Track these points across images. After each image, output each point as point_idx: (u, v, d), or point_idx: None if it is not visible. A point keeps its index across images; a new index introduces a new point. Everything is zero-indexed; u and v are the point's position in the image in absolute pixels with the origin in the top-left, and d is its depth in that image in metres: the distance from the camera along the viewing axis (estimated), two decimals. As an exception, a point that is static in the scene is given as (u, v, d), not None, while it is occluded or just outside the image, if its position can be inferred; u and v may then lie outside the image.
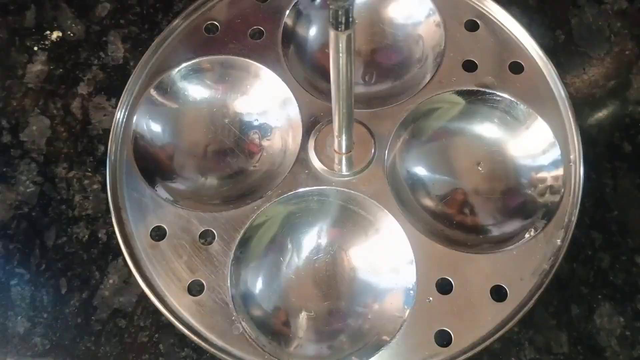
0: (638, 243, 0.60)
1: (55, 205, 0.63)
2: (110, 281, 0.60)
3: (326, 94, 0.60)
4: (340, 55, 0.40)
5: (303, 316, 0.55)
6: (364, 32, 0.66)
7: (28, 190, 0.64)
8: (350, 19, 0.37)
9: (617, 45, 0.69)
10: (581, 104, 0.66)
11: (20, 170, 0.65)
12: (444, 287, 0.53)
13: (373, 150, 0.58)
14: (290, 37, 0.64)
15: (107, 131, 0.65)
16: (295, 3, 0.65)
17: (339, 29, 0.37)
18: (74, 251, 0.61)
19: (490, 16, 0.63)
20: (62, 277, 0.60)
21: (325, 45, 0.66)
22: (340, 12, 0.36)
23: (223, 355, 0.52)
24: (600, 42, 0.69)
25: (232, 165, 0.62)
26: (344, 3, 0.35)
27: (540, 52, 0.61)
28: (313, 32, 0.66)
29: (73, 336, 0.58)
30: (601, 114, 0.66)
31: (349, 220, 0.58)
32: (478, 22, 0.63)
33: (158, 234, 0.56)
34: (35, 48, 0.70)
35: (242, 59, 0.62)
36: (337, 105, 0.48)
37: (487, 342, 0.51)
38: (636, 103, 0.66)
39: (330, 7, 0.36)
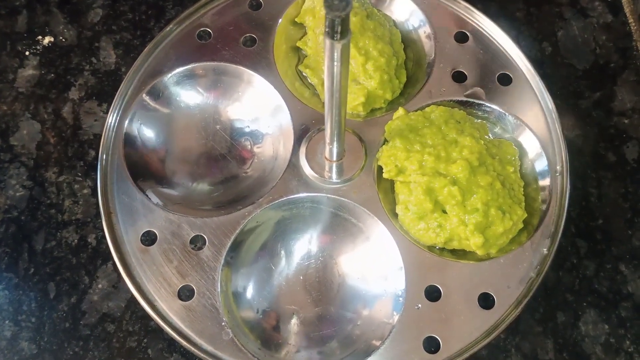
0: (622, 251, 0.61)
1: (45, 210, 0.63)
2: (99, 286, 0.60)
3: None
4: (335, 64, 0.40)
5: (293, 322, 0.55)
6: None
7: (17, 194, 0.64)
8: (346, 29, 0.37)
9: (602, 58, 0.71)
10: (567, 115, 0.67)
11: (10, 174, 0.64)
12: (433, 294, 0.54)
13: (363, 158, 0.58)
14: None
15: (98, 136, 0.65)
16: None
17: (335, 39, 0.38)
18: (63, 255, 0.61)
19: (479, 28, 0.64)
20: (51, 281, 0.60)
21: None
22: (336, 22, 0.36)
23: (212, 361, 0.52)
24: (585, 54, 0.71)
25: (223, 171, 0.62)
26: (340, 13, 0.35)
27: (528, 64, 0.62)
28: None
29: (61, 341, 0.58)
30: (586, 124, 0.67)
31: (340, 227, 0.58)
32: (467, 34, 0.64)
33: (148, 238, 0.56)
34: (27, 53, 0.70)
35: (235, 65, 0.63)
36: (330, 114, 0.48)
37: (475, 349, 0.52)
38: (620, 114, 0.67)
39: (327, 16, 0.36)
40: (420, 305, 0.53)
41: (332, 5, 0.35)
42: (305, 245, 0.58)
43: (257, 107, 0.63)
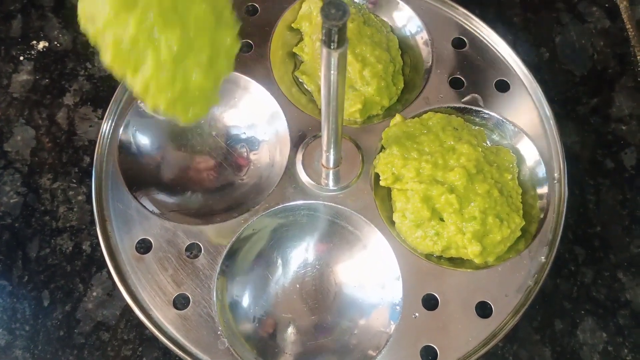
0: (620, 258, 0.61)
1: (39, 217, 0.63)
2: (94, 294, 0.60)
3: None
4: (332, 72, 0.40)
5: (290, 331, 0.55)
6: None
7: (11, 201, 0.63)
8: (343, 38, 0.37)
9: (600, 64, 0.70)
10: (565, 121, 0.67)
11: (4, 180, 0.64)
12: (430, 302, 0.53)
13: (360, 166, 0.58)
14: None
15: (92, 142, 0.65)
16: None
17: (332, 47, 0.37)
18: (57, 263, 0.61)
19: (477, 34, 0.64)
20: (45, 289, 0.60)
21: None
22: (333, 31, 0.36)
23: (208, 370, 0.52)
24: (583, 60, 0.71)
25: (219, 178, 0.61)
26: (337, 22, 0.35)
27: (525, 70, 0.62)
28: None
29: (55, 349, 0.57)
30: (584, 131, 0.67)
31: (336, 235, 0.58)
32: (465, 39, 0.64)
33: (143, 246, 0.56)
34: (21, 58, 0.70)
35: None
36: (327, 121, 0.48)
37: (472, 358, 0.51)
38: (618, 120, 0.67)
39: (324, 25, 0.36)
40: (417, 314, 0.53)
41: (329, 15, 0.35)
42: (301, 253, 0.58)
43: (253, 114, 0.63)
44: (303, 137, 0.59)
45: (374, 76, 0.59)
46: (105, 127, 0.60)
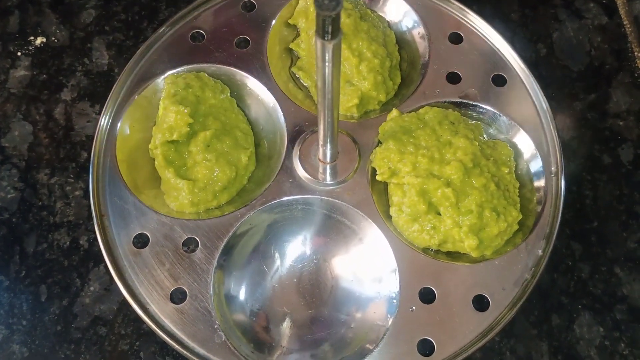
0: (617, 253, 0.61)
1: (36, 212, 0.63)
2: (91, 288, 0.60)
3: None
4: (327, 64, 0.40)
5: (286, 325, 0.55)
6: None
7: (9, 196, 0.63)
8: (337, 29, 0.37)
9: (597, 59, 0.70)
10: (562, 117, 0.67)
11: (1, 176, 0.64)
12: (427, 296, 0.53)
13: (357, 160, 0.58)
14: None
15: (90, 137, 0.65)
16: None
17: (326, 38, 0.37)
18: (55, 258, 0.61)
19: (474, 29, 0.64)
20: (42, 284, 0.60)
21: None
22: (327, 22, 0.36)
23: (205, 364, 0.52)
24: (580, 56, 0.71)
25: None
26: (330, 12, 0.35)
27: (523, 65, 0.62)
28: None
29: (52, 344, 0.58)
30: (581, 126, 0.67)
31: (333, 229, 0.58)
32: (462, 35, 0.63)
33: (140, 241, 0.56)
34: (19, 53, 0.70)
35: (228, 67, 0.62)
36: (322, 114, 0.48)
37: (469, 352, 0.51)
38: (615, 116, 0.67)
39: (318, 16, 0.36)
40: (414, 308, 0.53)
41: (322, 5, 0.35)
42: (298, 247, 0.58)
43: (250, 109, 0.63)
44: (300, 132, 0.59)
45: (371, 71, 0.59)
46: (103, 122, 0.60)
